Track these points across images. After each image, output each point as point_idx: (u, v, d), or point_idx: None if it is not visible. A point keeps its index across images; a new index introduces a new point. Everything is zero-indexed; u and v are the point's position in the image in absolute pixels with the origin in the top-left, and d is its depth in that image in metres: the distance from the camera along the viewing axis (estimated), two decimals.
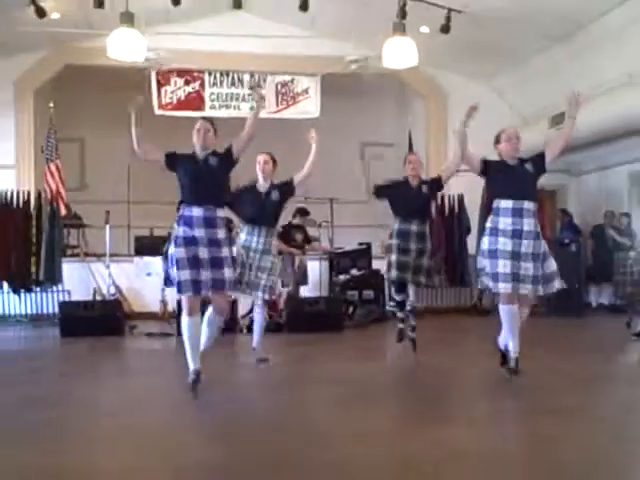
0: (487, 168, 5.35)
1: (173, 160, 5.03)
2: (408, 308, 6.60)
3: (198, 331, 5.03)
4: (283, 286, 9.79)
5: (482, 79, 11.64)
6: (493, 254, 5.15)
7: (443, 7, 9.12)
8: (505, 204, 5.18)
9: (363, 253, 10.37)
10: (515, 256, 5.10)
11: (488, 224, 5.29)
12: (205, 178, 4.95)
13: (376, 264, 9.91)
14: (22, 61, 10.69)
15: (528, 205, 5.17)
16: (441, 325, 9.75)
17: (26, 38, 9.81)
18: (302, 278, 9.99)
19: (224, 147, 5.12)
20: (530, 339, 7.13)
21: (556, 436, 3.84)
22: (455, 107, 11.76)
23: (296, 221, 10.17)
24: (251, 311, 8.88)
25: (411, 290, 6.60)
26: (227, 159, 5.06)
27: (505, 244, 5.11)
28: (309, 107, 11.56)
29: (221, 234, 4.94)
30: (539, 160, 5.36)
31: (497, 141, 5.38)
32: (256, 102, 5.43)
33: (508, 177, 5.25)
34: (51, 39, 10.26)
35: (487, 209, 5.40)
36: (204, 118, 5.30)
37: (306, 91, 11.53)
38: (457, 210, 11.19)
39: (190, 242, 4.83)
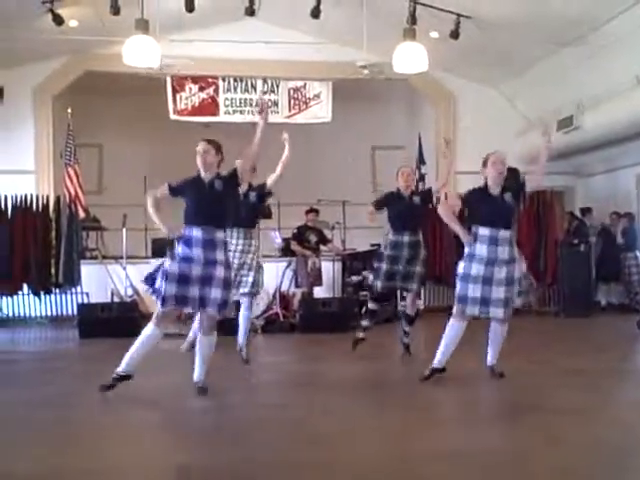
0: (467, 201, 5.46)
1: (177, 192, 5.16)
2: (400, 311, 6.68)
3: (151, 344, 5.03)
4: (297, 287, 9.96)
5: (490, 84, 11.76)
6: (465, 278, 5.29)
7: (452, 13, 9.30)
8: (483, 231, 5.29)
9: (374, 254, 10.46)
10: (486, 281, 5.23)
11: (467, 249, 5.37)
12: (209, 202, 5.04)
13: None
14: (41, 68, 10.89)
15: (504, 234, 5.28)
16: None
17: (44, 45, 10.00)
18: (317, 279, 10.11)
19: (232, 164, 5.23)
20: (540, 339, 7.25)
21: (562, 437, 3.82)
22: (463, 111, 11.91)
23: (310, 223, 10.30)
24: (265, 312, 9.09)
25: (408, 297, 6.72)
26: (232, 182, 5.16)
27: (478, 270, 5.24)
28: (321, 112, 11.73)
29: (220, 255, 4.99)
30: (519, 192, 5.47)
31: (484, 164, 5.45)
32: (260, 117, 5.20)
33: (488, 206, 5.33)
34: (69, 46, 10.42)
35: None
36: (205, 139, 5.26)
37: (318, 96, 11.68)
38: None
39: (186, 260, 4.92)
